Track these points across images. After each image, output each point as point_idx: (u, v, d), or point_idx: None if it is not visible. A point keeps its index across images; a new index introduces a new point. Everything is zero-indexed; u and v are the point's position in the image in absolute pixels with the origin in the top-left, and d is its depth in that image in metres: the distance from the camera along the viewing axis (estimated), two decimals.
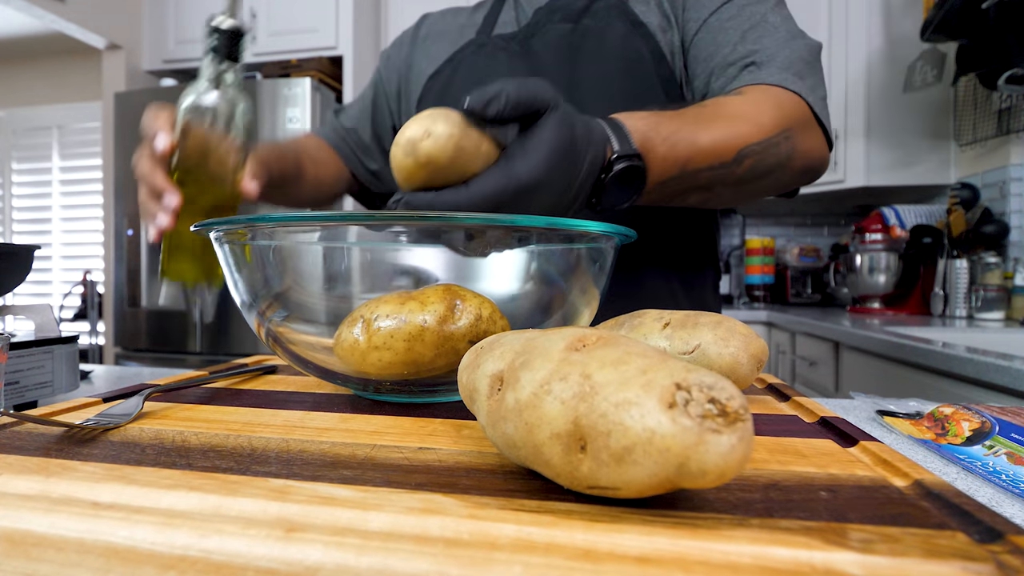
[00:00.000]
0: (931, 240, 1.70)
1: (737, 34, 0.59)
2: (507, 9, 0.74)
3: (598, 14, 0.65)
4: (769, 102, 0.52)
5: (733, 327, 0.35)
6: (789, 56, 0.56)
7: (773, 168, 0.52)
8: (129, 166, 2.17)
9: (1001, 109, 1.55)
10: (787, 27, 0.59)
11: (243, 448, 0.26)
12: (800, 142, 0.53)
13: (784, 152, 0.52)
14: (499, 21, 0.74)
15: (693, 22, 0.62)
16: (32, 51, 3.23)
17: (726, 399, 0.17)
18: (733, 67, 0.58)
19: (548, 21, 0.68)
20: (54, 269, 3.21)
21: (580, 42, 0.65)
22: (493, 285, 0.35)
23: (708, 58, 0.61)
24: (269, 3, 2.29)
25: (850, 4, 1.92)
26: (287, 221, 0.31)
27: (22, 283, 0.52)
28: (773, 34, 0.58)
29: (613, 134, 0.42)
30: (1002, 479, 0.30)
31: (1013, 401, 0.81)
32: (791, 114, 0.53)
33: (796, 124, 0.53)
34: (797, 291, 2.31)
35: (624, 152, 0.41)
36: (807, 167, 0.55)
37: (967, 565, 0.16)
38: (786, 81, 0.54)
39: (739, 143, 0.49)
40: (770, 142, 0.51)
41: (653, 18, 0.64)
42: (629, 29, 0.64)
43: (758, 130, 0.50)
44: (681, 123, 0.47)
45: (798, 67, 0.56)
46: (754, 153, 0.50)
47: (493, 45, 0.70)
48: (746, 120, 0.50)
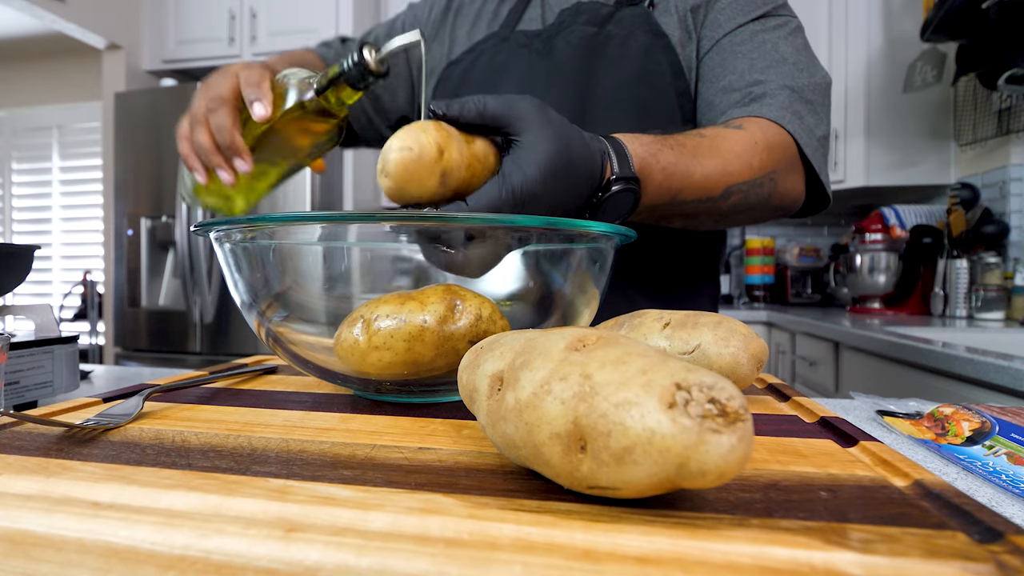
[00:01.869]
0: (931, 240, 1.70)
1: (746, 62, 0.60)
2: (534, 6, 0.73)
3: (623, 21, 0.66)
4: (762, 142, 0.54)
5: (733, 327, 0.35)
6: (792, 94, 0.57)
7: (754, 205, 0.55)
8: (129, 166, 2.18)
9: (1001, 109, 1.55)
10: (796, 59, 0.60)
11: (243, 448, 0.26)
12: (781, 183, 0.56)
13: (766, 192, 0.55)
14: (524, 17, 0.73)
15: (707, 40, 0.63)
16: (32, 51, 3.22)
17: (726, 399, 0.17)
18: (737, 93, 0.59)
19: (573, 22, 0.68)
20: (54, 269, 3.21)
21: (602, 47, 0.65)
22: (493, 285, 0.35)
23: (715, 79, 0.62)
24: (269, 3, 2.29)
25: (850, 4, 1.92)
26: (287, 221, 0.31)
27: (22, 283, 0.52)
28: (780, 66, 0.59)
29: (614, 155, 0.42)
30: (1002, 479, 0.30)
31: (1013, 401, 0.81)
32: (779, 157, 0.55)
33: (781, 166, 0.55)
34: (797, 291, 2.31)
35: (622, 175, 0.42)
36: (782, 206, 0.58)
37: (967, 565, 0.16)
38: (783, 120, 0.56)
39: (728, 181, 0.51)
40: (755, 182, 0.53)
41: (675, 31, 0.64)
42: (652, 40, 0.64)
43: (747, 170, 0.52)
44: (680, 155, 0.48)
45: (798, 107, 0.57)
46: (740, 191, 0.53)
47: (515, 41, 0.70)
48: (738, 159, 0.52)
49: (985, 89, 1.55)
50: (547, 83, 0.66)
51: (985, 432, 0.35)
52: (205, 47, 2.37)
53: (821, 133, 0.59)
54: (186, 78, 2.58)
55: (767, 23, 0.62)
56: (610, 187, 0.42)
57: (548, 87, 0.66)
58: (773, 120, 0.56)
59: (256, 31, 2.30)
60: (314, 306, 0.35)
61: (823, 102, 0.60)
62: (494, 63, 0.70)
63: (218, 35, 2.35)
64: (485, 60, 0.71)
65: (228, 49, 2.34)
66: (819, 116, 0.59)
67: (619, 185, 0.42)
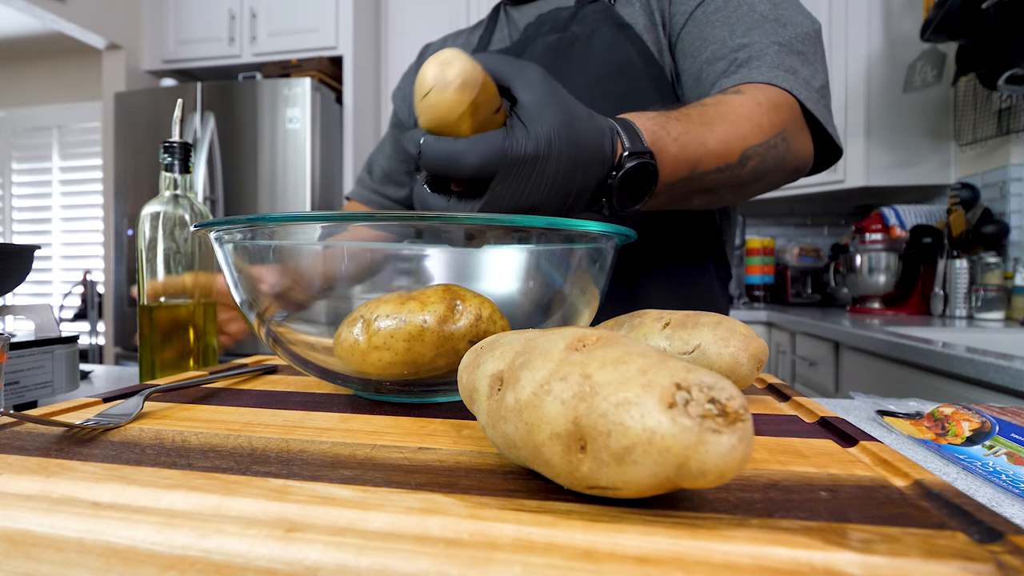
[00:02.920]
0: (931, 240, 1.70)
1: (725, 28, 0.58)
2: (500, 27, 0.76)
3: (585, 20, 0.66)
4: (766, 103, 0.52)
5: (733, 327, 0.35)
6: (780, 50, 0.55)
7: (771, 169, 0.53)
8: (129, 166, 2.18)
9: (1001, 109, 1.55)
10: (777, 14, 0.57)
11: (243, 448, 0.26)
12: (792, 143, 0.53)
13: (780, 153, 0.52)
14: (493, 39, 0.75)
15: (680, 15, 0.61)
16: (32, 51, 3.22)
17: (726, 399, 0.17)
18: (723, 61, 0.57)
19: (537, 34, 0.69)
20: (54, 269, 3.21)
21: (568, 49, 0.65)
22: (493, 285, 0.35)
23: (696, 53, 0.60)
24: (269, 3, 2.29)
25: (850, 4, 1.92)
26: (287, 221, 0.31)
27: (22, 283, 0.52)
28: (761, 25, 0.56)
29: (623, 131, 0.40)
30: (1002, 479, 0.30)
31: (1013, 401, 0.81)
32: (786, 116, 0.53)
33: (790, 125, 0.53)
34: (797, 291, 2.31)
35: (635, 150, 0.40)
36: (796, 167, 0.56)
37: (967, 565, 0.16)
38: (777, 79, 0.54)
39: (743, 144, 0.49)
40: (769, 143, 0.51)
41: (639, 19, 0.64)
42: (615, 32, 0.64)
43: (759, 131, 0.50)
44: (688, 123, 0.46)
45: (790, 61, 0.55)
46: (757, 155, 0.50)
47: None
48: (748, 121, 0.50)
49: (985, 89, 1.55)
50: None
51: (985, 432, 0.35)
52: (205, 47, 2.37)
53: (819, 83, 0.56)
54: (186, 78, 2.59)
55: None
56: (624, 164, 0.40)
57: None
58: (767, 82, 0.54)
59: (256, 31, 2.30)
60: (314, 306, 0.35)
61: (815, 51, 0.57)
62: None
63: (218, 35, 2.35)
64: None
65: (228, 49, 2.34)
66: (814, 66, 0.56)
67: (634, 161, 0.40)
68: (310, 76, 2.11)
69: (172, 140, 0.52)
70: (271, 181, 2.06)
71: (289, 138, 2.04)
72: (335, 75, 2.29)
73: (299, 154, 2.03)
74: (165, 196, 0.52)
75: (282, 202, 2.04)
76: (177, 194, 0.52)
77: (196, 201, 0.53)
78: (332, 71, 2.27)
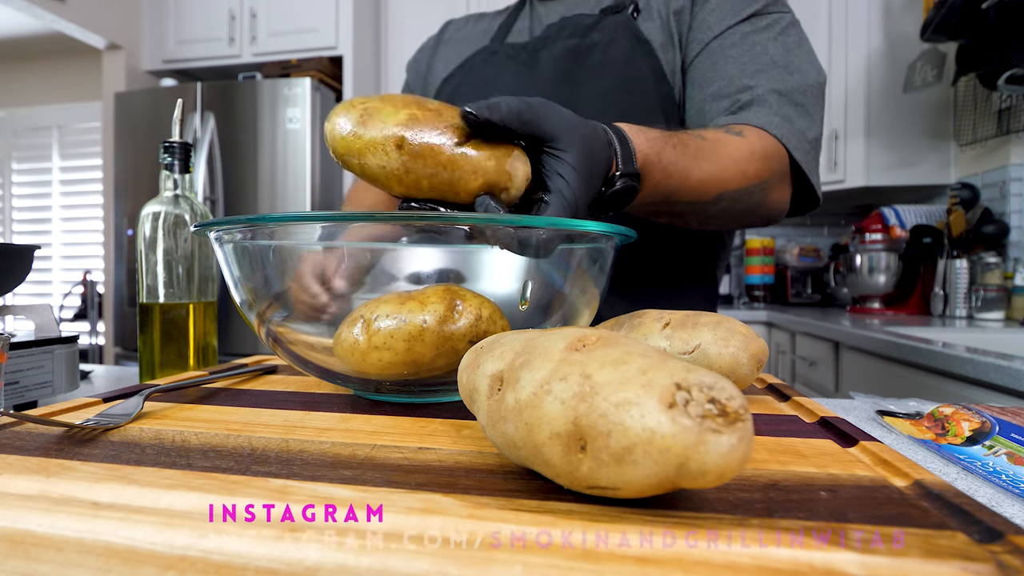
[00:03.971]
0: (931, 240, 1.70)
1: (736, 66, 0.59)
2: (523, 18, 0.75)
3: (605, 29, 0.66)
4: (759, 152, 0.54)
5: (733, 327, 0.35)
6: (780, 99, 0.57)
7: (741, 212, 0.56)
8: (129, 166, 2.18)
9: (1001, 109, 1.55)
10: (786, 60, 0.59)
11: (243, 448, 0.26)
12: (770, 193, 0.56)
13: (755, 201, 0.55)
14: (513, 29, 0.75)
15: (696, 43, 0.62)
16: (32, 51, 3.22)
17: (726, 399, 0.17)
18: (726, 100, 0.59)
19: (558, 36, 0.69)
20: (54, 269, 3.21)
21: (584, 57, 0.66)
22: (493, 285, 0.35)
23: (705, 84, 0.61)
24: (269, 3, 2.29)
25: (850, 4, 1.92)
26: (287, 221, 0.31)
27: (22, 283, 0.52)
28: (770, 70, 0.58)
29: (620, 150, 0.42)
30: (1002, 479, 0.30)
31: (1013, 401, 0.81)
32: (773, 167, 0.55)
33: (774, 176, 0.55)
34: (797, 291, 2.31)
35: (626, 171, 0.42)
36: (768, 216, 0.59)
37: (967, 565, 0.16)
38: (770, 125, 0.56)
39: (721, 187, 0.52)
40: (746, 191, 0.54)
41: (657, 37, 0.64)
42: (634, 46, 0.64)
43: (741, 178, 0.53)
44: (682, 155, 0.48)
45: (787, 110, 0.57)
46: (731, 198, 0.53)
47: (504, 54, 0.72)
48: (735, 165, 0.52)
49: (985, 89, 1.55)
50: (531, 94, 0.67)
51: (985, 432, 0.35)
52: (205, 47, 2.37)
53: (813, 135, 0.58)
54: (186, 78, 2.59)
55: (757, 23, 0.61)
56: (614, 183, 0.42)
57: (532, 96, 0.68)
58: (763, 127, 0.56)
59: (256, 31, 2.30)
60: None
61: (815, 103, 0.59)
62: (484, 76, 0.71)
63: (218, 35, 2.35)
64: (476, 74, 0.72)
65: (228, 49, 2.34)
66: (811, 118, 0.58)
67: (622, 182, 0.42)
68: (310, 76, 2.11)
69: (172, 140, 0.52)
70: (271, 181, 2.06)
71: (289, 138, 2.04)
72: (335, 75, 2.29)
73: (299, 154, 2.03)
74: (165, 196, 0.52)
75: (282, 202, 2.04)
76: (177, 194, 0.52)
77: (196, 201, 0.53)
78: (332, 71, 2.27)
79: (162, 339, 0.51)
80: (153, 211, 0.51)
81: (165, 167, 0.52)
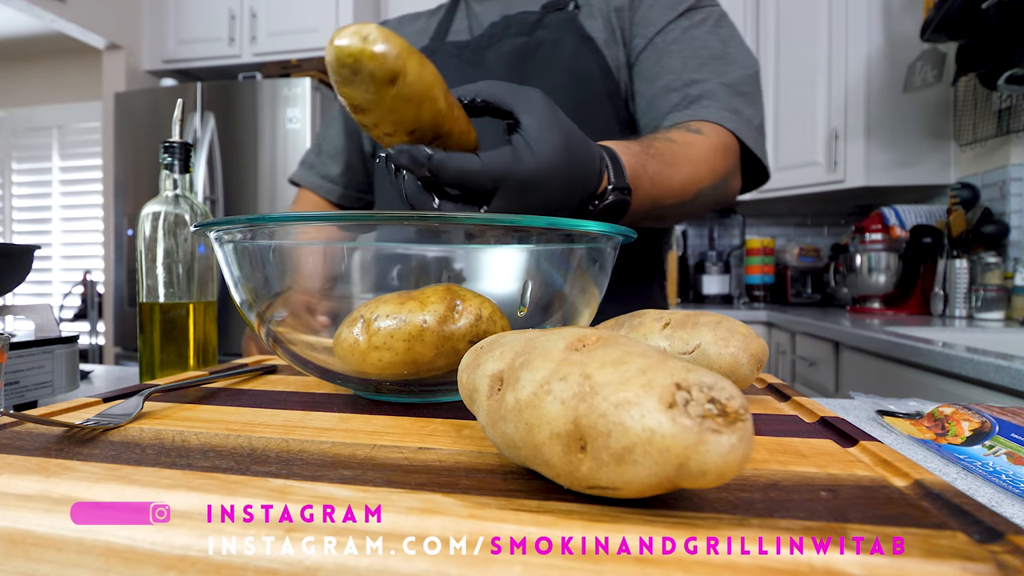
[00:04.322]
0: (931, 240, 1.70)
1: (679, 60, 0.64)
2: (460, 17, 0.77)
3: (551, 27, 0.68)
4: (720, 148, 0.59)
5: (733, 327, 0.35)
6: (727, 90, 0.62)
7: (711, 203, 0.60)
8: (129, 166, 2.18)
9: (1001, 109, 1.55)
10: (725, 52, 0.64)
11: (243, 448, 0.26)
12: (731, 182, 0.62)
13: (722, 190, 0.60)
14: (452, 29, 0.76)
15: (640, 38, 0.66)
16: (32, 51, 3.22)
17: (726, 399, 0.17)
18: (676, 93, 0.63)
19: (504, 35, 0.70)
20: (54, 269, 3.21)
21: (532, 54, 0.68)
22: (493, 285, 0.35)
23: (653, 78, 0.65)
24: (269, 3, 2.29)
25: (850, 4, 1.91)
26: (287, 221, 0.31)
27: (22, 283, 0.52)
28: (712, 64, 0.63)
29: (611, 164, 0.43)
30: (1002, 479, 0.30)
31: (1013, 401, 0.81)
32: (732, 159, 0.60)
33: (732, 167, 0.61)
34: (797, 291, 2.31)
35: (619, 185, 0.43)
36: (729, 200, 0.64)
37: (967, 565, 0.16)
38: (724, 120, 0.60)
39: (699, 186, 0.56)
40: (716, 184, 0.58)
41: (600, 33, 0.67)
42: (579, 43, 0.67)
43: (712, 175, 0.57)
44: (662, 163, 0.51)
45: (734, 102, 0.62)
46: (706, 193, 0.58)
47: (445, 52, 0.73)
48: (706, 164, 0.57)
49: (985, 89, 1.55)
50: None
51: (985, 432, 0.35)
52: (205, 47, 2.37)
53: (758, 122, 0.63)
54: (186, 78, 2.59)
55: (693, 17, 0.65)
56: (607, 196, 0.42)
57: None
58: (718, 122, 0.60)
59: (256, 31, 2.30)
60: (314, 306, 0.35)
61: (756, 91, 0.64)
62: None
63: (218, 35, 2.35)
64: None
65: (228, 49, 2.34)
66: (755, 106, 0.63)
67: (615, 195, 0.43)
68: (310, 76, 2.11)
69: (172, 140, 0.52)
70: (271, 181, 2.06)
71: (289, 138, 2.04)
72: None
73: (299, 154, 2.03)
74: (165, 196, 0.52)
75: (282, 202, 2.04)
76: (177, 194, 0.52)
77: (196, 201, 0.53)
78: None
79: (162, 339, 0.51)
80: (153, 211, 0.51)
81: (165, 167, 0.52)
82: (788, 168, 2.11)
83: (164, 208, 0.51)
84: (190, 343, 0.52)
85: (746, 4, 2.21)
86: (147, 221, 0.51)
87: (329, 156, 0.84)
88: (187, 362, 0.52)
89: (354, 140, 0.83)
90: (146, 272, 0.51)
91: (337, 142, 0.84)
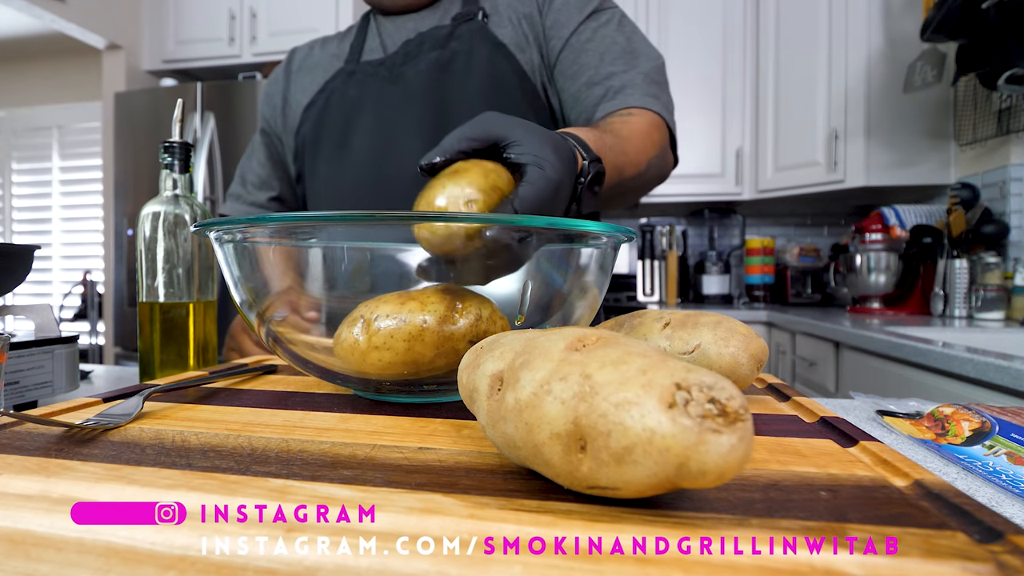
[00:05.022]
0: (931, 240, 1.70)
1: (595, 56, 0.69)
2: (371, 37, 0.78)
3: (463, 37, 0.71)
4: (652, 126, 0.63)
5: (733, 327, 0.35)
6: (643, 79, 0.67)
7: (656, 175, 0.65)
8: (129, 166, 2.18)
9: (1001, 109, 1.55)
10: (632, 47, 0.69)
11: (243, 448, 0.26)
12: (666, 155, 0.67)
13: (663, 162, 0.65)
14: (365, 48, 0.78)
15: (556, 40, 0.71)
16: (32, 51, 3.22)
17: (726, 399, 0.17)
18: (599, 87, 0.68)
19: (419, 51, 0.73)
20: (54, 269, 3.21)
21: (449, 65, 0.71)
22: (493, 285, 0.35)
23: (575, 76, 0.70)
24: (269, 3, 2.29)
25: (850, 4, 1.91)
26: (287, 221, 0.31)
27: (22, 283, 0.52)
28: (625, 57, 0.69)
29: (576, 143, 0.44)
30: (1002, 479, 0.30)
31: (1013, 401, 0.81)
32: (663, 135, 0.65)
33: (666, 143, 0.66)
34: (797, 291, 2.31)
35: (592, 158, 0.44)
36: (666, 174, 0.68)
37: (967, 565, 0.16)
38: (648, 103, 0.66)
39: (647, 156, 0.61)
40: (659, 155, 0.63)
41: (510, 39, 0.71)
42: (492, 50, 0.70)
43: (654, 146, 0.62)
44: (614, 138, 0.55)
45: (652, 89, 0.67)
46: (654, 165, 0.62)
47: (363, 72, 0.75)
48: (647, 137, 0.61)
49: (985, 89, 1.55)
50: (402, 106, 0.72)
51: (985, 432, 0.35)
52: (205, 47, 2.37)
53: (672, 107, 0.69)
54: (186, 78, 2.59)
55: (600, 19, 0.71)
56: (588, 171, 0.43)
57: (403, 110, 0.71)
58: (644, 107, 0.65)
59: (256, 31, 2.30)
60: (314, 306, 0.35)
61: (665, 80, 0.70)
62: (346, 97, 0.75)
63: (218, 35, 2.35)
64: (337, 96, 0.76)
65: (228, 49, 2.34)
66: (668, 93, 0.69)
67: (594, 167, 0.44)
68: None
69: (172, 140, 0.52)
70: None
71: None
72: None
73: None
74: (165, 196, 0.52)
75: None
76: (177, 194, 0.52)
77: (196, 201, 0.53)
78: None
79: (162, 339, 0.51)
80: (153, 211, 0.51)
81: (165, 167, 0.52)
82: (788, 168, 2.11)
83: (164, 208, 0.51)
84: (190, 343, 0.52)
85: (746, 4, 2.21)
86: (147, 221, 0.51)
87: (255, 186, 0.86)
88: (187, 362, 0.52)
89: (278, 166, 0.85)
90: (146, 272, 0.51)
91: (261, 171, 0.85)
